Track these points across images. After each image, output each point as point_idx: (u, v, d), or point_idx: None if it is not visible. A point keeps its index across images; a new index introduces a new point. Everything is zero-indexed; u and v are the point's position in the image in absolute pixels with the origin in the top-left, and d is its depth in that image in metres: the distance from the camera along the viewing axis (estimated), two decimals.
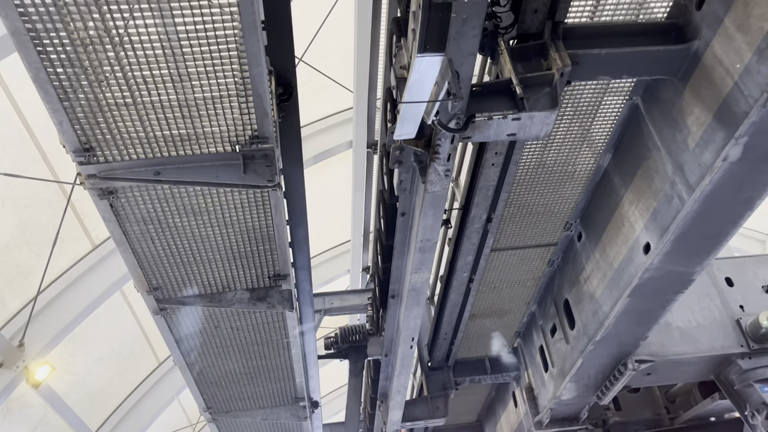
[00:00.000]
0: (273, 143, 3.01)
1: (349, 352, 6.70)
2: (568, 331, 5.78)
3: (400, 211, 4.44)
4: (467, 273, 5.73)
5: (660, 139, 4.04)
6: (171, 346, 4.51)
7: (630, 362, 5.46)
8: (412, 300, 4.57)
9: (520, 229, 5.40)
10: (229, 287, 4.07)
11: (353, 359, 6.82)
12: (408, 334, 5.01)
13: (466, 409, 9.04)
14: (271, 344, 4.79)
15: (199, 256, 3.75)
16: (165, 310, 4.09)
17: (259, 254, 3.84)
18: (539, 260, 5.82)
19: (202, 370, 4.95)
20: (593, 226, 5.11)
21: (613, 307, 4.82)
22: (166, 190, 3.21)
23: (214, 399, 5.46)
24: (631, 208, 4.48)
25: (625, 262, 4.61)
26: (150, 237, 3.50)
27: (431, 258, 4.19)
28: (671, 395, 7.33)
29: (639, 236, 4.39)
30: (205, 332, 4.50)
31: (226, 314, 4.36)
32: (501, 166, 4.51)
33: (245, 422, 5.93)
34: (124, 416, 11.64)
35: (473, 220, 5.05)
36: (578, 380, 5.83)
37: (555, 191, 5.01)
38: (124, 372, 11.20)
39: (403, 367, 5.49)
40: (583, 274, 5.36)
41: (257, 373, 5.17)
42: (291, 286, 4.11)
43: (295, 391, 5.54)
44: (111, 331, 10.46)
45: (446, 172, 3.42)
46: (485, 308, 6.45)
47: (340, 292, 7.96)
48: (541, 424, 6.66)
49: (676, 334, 5.72)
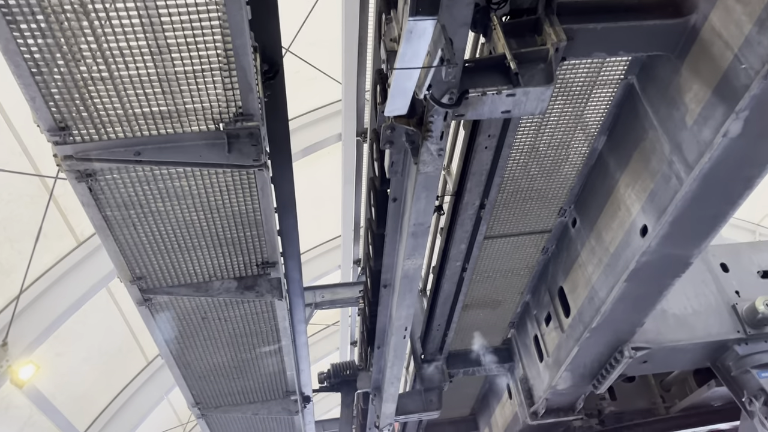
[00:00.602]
0: (258, 121, 2.89)
1: (341, 386, 7.12)
2: (563, 319, 5.69)
3: (391, 197, 4.33)
4: (460, 262, 5.62)
5: (656, 119, 3.94)
6: (157, 339, 4.37)
7: (626, 350, 5.38)
8: (404, 288, 4.45)
9: (513, 215, 5.29)
10: (215, 276, 3.93)
11: (345, 392, 7.23)
12: (401, 323, 4.89)
13: (459, 403, 8.95)
14: (260, 336, 4.66)
15: (184, 243, 3.61)
16: (150, 300, 3.95)
17: (247, 241, 3.71)
18: (533, 248, 5.72)
19: (190, 364, 4.81)
20: (588, 211, 5.02)
21: (610, 293, 4.73)
22: (148, 172, 3.07)
23: (203, 394, 5.32)
24: (627, 191, 4.39)
25: (621, 247, 4.52)
26: (132, 223, 3.36)
27: (424, 243, 4.08)
28: (666, 384, 7.28)
29: (636, 219, 4.30)
30: (192, 324, 4.36)
31: (214, 304, 4.23)
32: (494, 149, 4.40)
33: (235, 418, 5.79)
34: (113, 416, 11.46)
35: (466, 206, 4.94)
36: (574, 369, 5.74)
37: (549, 176, 4.91)
38: (112, 371, 11.02)
39: (395, 358, 5.37)
40: (578, 261, 5.27)
41: (247, 367, 5.03)
42: (280, 274, 3.98)
43: (286, 385, 5.41)
44: (97, 330, 10.28)
45: (439, 151, 3.31)
46: (479, 298, 6.34)
47: (331, 285, 7.84)
48: (537, 414, 6.58)
49: (672, 321, 5.64)
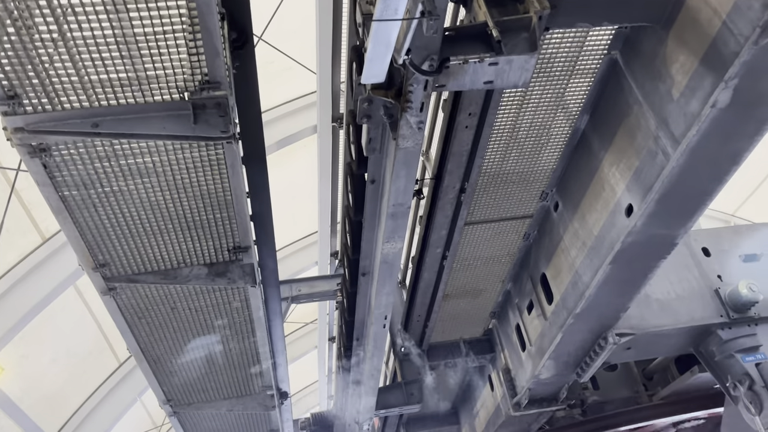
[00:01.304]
0: (227, 90, 2.69)
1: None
2: (545, 306, 5.58)
3: (369, 179, 4.16)
4: (441, 249, 5.48)
5: (641, 94, 3.83)
6: (123, 331, 4.14)
7: (610, 336, 5.28)
8: (384, 274, 4.29)
9: (494, 200, 5.16)
10: (184, 262, 3.72)
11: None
12: (380, 312, 4.72)
13: (441, 397, 8.80)
14: (234, 327, 4.46)
15: (150, 226, 3.40)
16: (114, 290, 3.72)
17: (216, 223, 3.51)
18: (514, 234, 5.60)
19: (160, 358, 4.58)
20: (570, 193, 4.90)
21: (594, 277, 4.62)
22: (107, 146, 2.86)
23: (175, 390, 5.09)
24: (611, 170, 4.27)
25: (606, 228, 4.41)
26: (92, 204, 3.14)
27: (404, 225, 3.92)
28: (649, 372, 7.22)
29: (620, 199, 4.18)
30: (161, 314, 4.14)
31: (183, 293, 4.01)
32: (475, 128, 4.27)
33: (209, 415, 5.57)
34: (84, 420, 11.10)
35: (446, 190, 4.79)
36: (557, 357, 5.63)
37: (530, 158, 4.79)
38: (82, 373, 10.67)
39: (375, 349, 5.20)
40: (561, 245, 5.15)
41: (220, 360, 4.82)
42: (253, 259, 3.79)
43: (262, 379, 5.20)
44: (66, 331, 9.94)
45: (419, 124, 3.15)
46: (459, 287, 6.21)
47: (309, 279, 7.64)
48: (519, 405, 6.46)
49: (656, 306, 5.56)
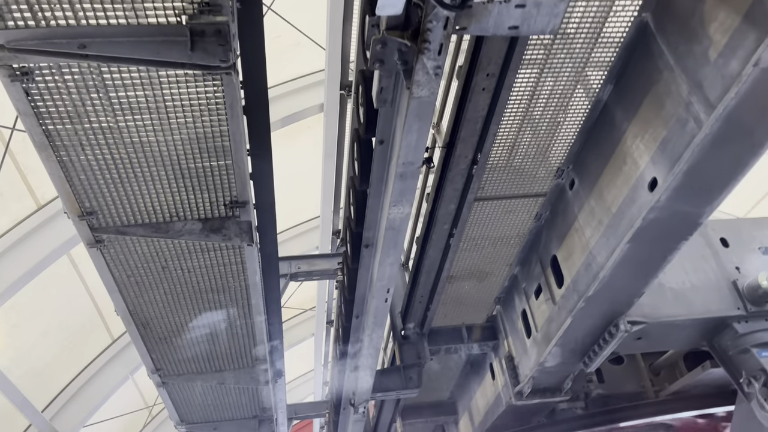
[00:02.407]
0: (228, 16, 2.45)
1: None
2: (555, 290, 5.34)
3: (377, 140, 3.91)
4: (448, 225, 5.24)
5: (674, 57, 3.58)
6: (111, 290, 3.90)
7: (622, 323, 5.04)
8: (389, 242, 4.04)
9: (507, 175, 4.91)
10: (177, 216, 3.48)
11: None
12: (383, 284, 4.48)
13: (439, 386, 8.58)
14: (228, 292, 4.22)
15: (141, 171, 3.16)
16: (102, 242, 3.49)
17: (213, 173, 3.27)
18: (525, 214, 5.35)
19: (149, 323, 4.35)
20: (588, 170, 4.65)
21: (610, 257, 4.38)
22: (96, 75, 2.62)
23: (164, 359, 4.86)
24: (635, 143, 4.02)
25: (625, 204, 4.16)
26: (79, 141, 2.90)
27: (413, 188, 3.67)
28: (656, 368, 6.98)
29: (644, 172, 3.94)
30: (152, 273, 3.90)
31: (176, 251, 3.78)
32: (492, 91, 4.02)
33: (200, 388, 5.33)
34: (73, 396, 10.89)
35: (458, 160, 4.55)
36: (564, 344, 5.39)
37: (548, 130, 4.54)
38: (74, 347, 10.45)
39: (375, 325, 4.96)
40: (574, 225, 4.90)
41: (212, 329, 4.58)
42: (251, 217, 3.55)
43: (255, 351, 4.97)
44: (59, 303, 9.72)
45: (436, 69, 2.90)
46: (465, 269, 5.96)
47: (309, 256, 7.43)
48: (522, 394, 6.22)
49: (670, 295, 5.32)
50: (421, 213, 6.40)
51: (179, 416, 5.84)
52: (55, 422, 10.63)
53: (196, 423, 5.99)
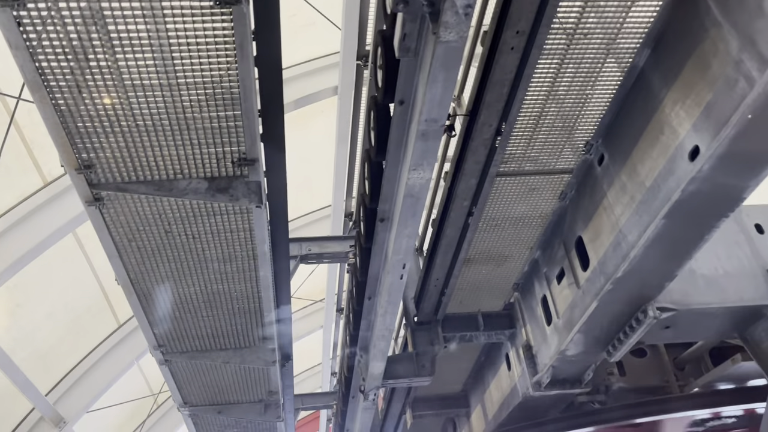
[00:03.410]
0: None
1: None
2: (579, 273, 5.05)
3: (398, 100, 3.66)
4: (468, 201, 4.97)
5: (722, 13, 3.29)
6: (111, 255, 3.67)
7: (651, 309, 4.75)
8: (407, 211, 3.79)
9: (532, 149, 4.64)
10: (182, 173, 3.25)
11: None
12: (399, 258, 4.23)
13: (450, 379, 8.30)
14: (235, 262, 3.98)
15: (142, 119, 2.92)
16: (101, 200, 3.26)
17: (220, 125, 3.03)
18: (550, 192, 5.07)
19: (151, 293, 4.12)
20: (620, 143, 4.37)
21: (642, 235, 4.09)
22: (94, 5, 2.38)
23: (167, 334, 4.63)
24: (674, 110, 3.74)
25: (662, 177, 3.88)
26: (75, 82, 2.67)
27: (435, 150, 3.41)
28: (680, 362, 6.67)
29: (684, 141, 3.65)
30: (154, 238, 3.67)
31: (180, 214, 3.54)
32: (522, 51, 3.75)
33: (204, 366, 5.11)
34: (78, 380, 10.72)
35: (481, 128, 4.28)
36: (588, 331, 5.10)
37: (578, 99, 4.26)
38: (79, 330, 10.28)
39: (389, 304, 4.71)
40: (603, 204, 4.62)
41: (218, 302, 4.35)
42: (260, 175, 3.30)
43: (263, 329, 4.73)
44: (65, 284, 9.54)
45: (466, 8, 2.64)
46: (483, 252, 5.69)
47: (320, 238, 7.20)
48: (540, 385, 5.94)
49: (701, 282, 5.02)
50: (437, 194, 6.16)
51: (182, 398, 5.62)
52: (58, 406, 10.47)
53: (200, 405, 5.77)
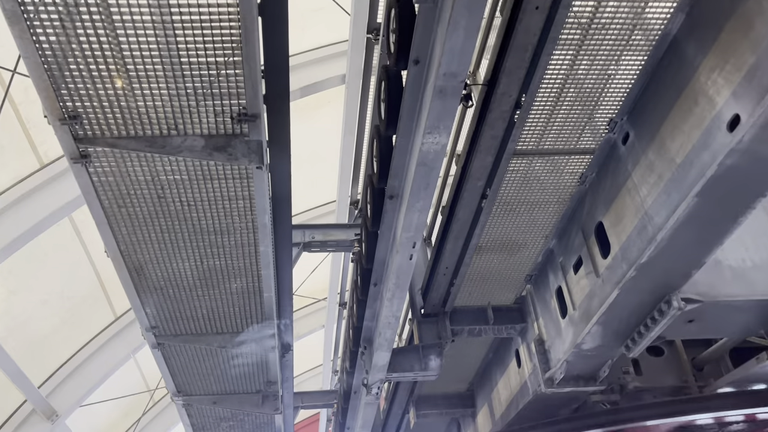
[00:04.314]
0: None
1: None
2: (599, 261, 4.76)
3: (413, 59, 3.38)
4: (482, 182, 4.69)
5: None
6: (99, 222, 3.39)
7: (675, 299, 4.46)
8: (419, 181, 3.51)
9: (552, 126, 4.37)
10: (177, 128, 2.98)
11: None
12: (409, 236, 3.94)
13: (456, 377, 8.00)
14: (233, 235, 3.70)
15: (133, 65, 2.66)
16: (87, 157, 2.99)
17: (219, 73, 2.76)
18: (569, 175, 4.79)
19: (143, 268, 3.84)
20: (648, 118, 4.09)
21: (671, 216, 3.80)
22: None
23: (160, 315, 4.35)
24: (711, 77, 3.46)
25: (695, 152, 3.59)
26: (58, 14, 2.40)
27: (452, 111, 3.13)
28: (699, 362, 6.35)
29: (722, 110, 3.37)
30: (146, 204, 3.39)
31: (174, 179, 3.27)
32: (548, 10, 3.48)
33: (198, 351, 4.82)
34: (72, 372, 10.44)
35: (500, 99, 4.01)
36: (607, 322, 4.81)
37: (604, 69, 3.98)
38: (74, 321, 10.01)
39: (397, 288, 4.42)
40: (627, 185, 4.34)
41: (215, 280, 4.07)
42: (261, 134, 3.03)
43: (263, 311, 4.44)
44: (60, 272, 9.28)
45: None
46: (496, 239, 5.41)
47: (324, 226, 6.94)
48: (553, 381, 5.64)
49: (728, 273, 4.71)
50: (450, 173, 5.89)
51: (176, 386, 5.33)
52: (51, 399, 10.19)
53: (195, 395, 5.48)
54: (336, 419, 9.80)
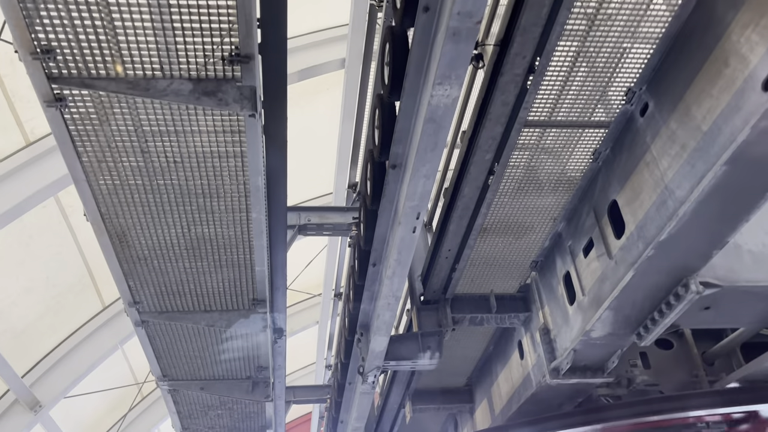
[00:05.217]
0: None
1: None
2: (612, 242, 4.50)
3: (422, 6, 3.11)
4: (491, 155, 4.43)
5: None
6: (76, 176, 3.09)
7: (693, 283, 4.20)
8: (426, 142, 3.23)
9: (566, 95, 4.11)
10: (162, 70, 2.70)
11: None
12: (413, 206, 3.66)
13: (455, 370, 7.72)
14: (224, 198, 3.42)
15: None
16: (63, 100, 2.70)
17: (209, 5, 2.48)
18: (582, 150, 4.53)
19: (126, 234, 3.55)
20: (670, 86, 3.83)
21: (695, 188, 3.55)
22: None
23: (144, 289, 4.05)
24: (744, 34, 3.20)
25: (724, 117, 3.33)
26: None
27: (466, 58, 2.86)
28: (710, 356, 6.09)
29: (755, 70, 3.11)
30: (128, 158, 3.11)
31: (159, 130, 2.98)
32: None
33: (185, 330, 4.52)
34: (57, 362, 10.12)
35: (513, 59, 3.74)
36: (618, 308, 4.55)
37: (624, 32, 3.72)
38: (60, 309, 9.68)
39: (398, 264, 4.14)
40: (645, 159, 4.08)
41: (203, 250, 3.78)
42: (255, 79, 2.75)
43: (254, 288, 4.15)
44: (46, 257, 8.96)
45: None
46: (502, 221, 5.14)
47: (321, 208, 6.67)
48: (558, 371, 5.37)
49: (748, 258, 4.45)
50: (453, 158, 5.63)
51: (161, 369, 5.03)
52: (35, 389, 9.85)
53: (181, 380, 5.18)
54: (329, 414, 9.50)
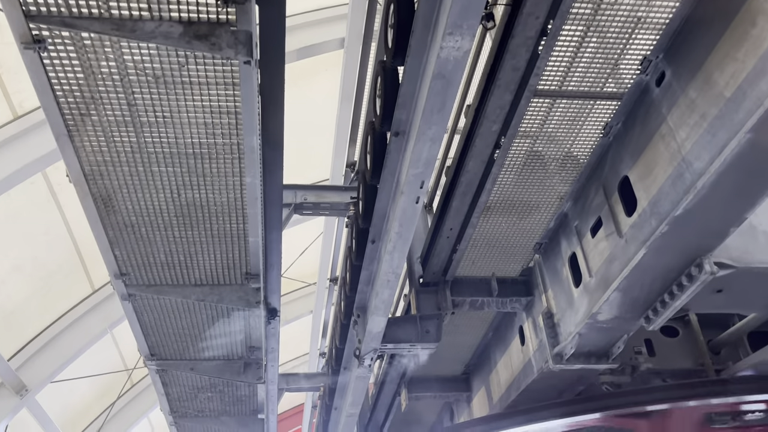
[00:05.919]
0: None
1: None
2: (622, 219, 4.31)
3: None
4: (498, 126, 4.23)
5: None
6: (57, 130, 2.87)
7: (707, 263, 4.03)
8: (434, 100, 3.02)
9: (578, 63, 3.91)
10: (150, 9, 2.48)
11: None
12: (417, 173, 3.46)
13: (452, 357, 7.53)
14: (215, 160, 3.21)
15: None
16: (42, 42, 2.48)
17: None
18: (593, 123, 4.34)
19: (111, 197, 3.33)
20: (689, 52, 3.64)
21: (717, 158, 3.36)
22: None
23: (132, 259, 3.84)
24: None
25: (749, 81, 3.15)
26: None
27: (478, 8, 2.65)
28: (716, 345, 5.92)
29: None
30: (113, 110, 2.88)
31: (146, 80, 2.76)
32: None
33: (174, 305, 4.31)
34: (45, 346, 9.89)
35: (526, 20, 3.54)
36: (627, 289, 4.36)
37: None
38: (48, 291, 9.45)
39: (399, 238, 3.93)
40: (660, 131, 3.88)
41: (193, 218, 3.57)
42: (251, 24, 2.54)
43: (247, 261, 3.94)
44: (34, 236, 8.72)
45: None
46: (507, 198, 4.94)
47: (318, 187, 6.47)
48: (562, 357, 5.19)
49: (763, 239, 4.28)
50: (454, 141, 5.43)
51: (149, 348, 4.82)
52: (21, 373, 9.63)
53: (170, 359, 4.97)
54: (322, 402, 9.32)
